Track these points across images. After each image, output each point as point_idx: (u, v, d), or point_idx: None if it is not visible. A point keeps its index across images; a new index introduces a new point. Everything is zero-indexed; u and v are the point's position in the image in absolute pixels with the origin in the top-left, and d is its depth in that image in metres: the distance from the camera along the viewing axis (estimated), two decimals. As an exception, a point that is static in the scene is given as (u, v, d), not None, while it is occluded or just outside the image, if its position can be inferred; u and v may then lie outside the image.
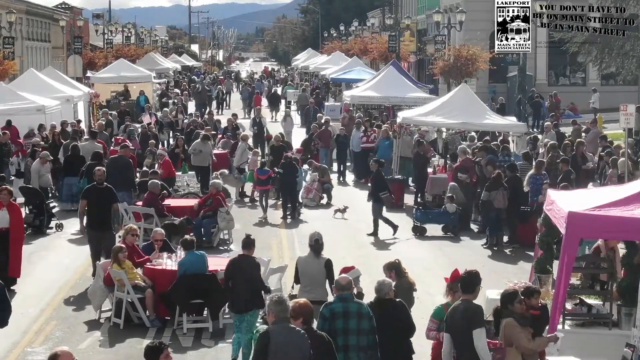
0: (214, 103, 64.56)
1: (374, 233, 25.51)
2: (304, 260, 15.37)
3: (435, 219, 26.02)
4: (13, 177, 31.12)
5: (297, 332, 10.72)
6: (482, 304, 12.44)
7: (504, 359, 11.68)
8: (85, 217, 20.88)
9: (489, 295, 15.36)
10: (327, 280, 14.97)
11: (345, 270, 14.25)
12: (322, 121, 38.19)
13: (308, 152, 36.01)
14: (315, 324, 11.80)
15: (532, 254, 20.02)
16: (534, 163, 26.54)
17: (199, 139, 31.94)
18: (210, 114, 44.76)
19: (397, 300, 12.73)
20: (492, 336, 12.13)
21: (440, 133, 37.56)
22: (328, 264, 15.12)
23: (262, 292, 15.59)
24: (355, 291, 13.05)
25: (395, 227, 25.56)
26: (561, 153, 27.73)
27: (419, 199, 30.04)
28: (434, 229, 25.94)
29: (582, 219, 13.15)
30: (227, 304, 16.65)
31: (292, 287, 15.45)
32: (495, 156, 27.97)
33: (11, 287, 18.73)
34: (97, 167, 21.87)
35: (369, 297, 15.87)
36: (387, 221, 25.72)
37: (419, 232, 25.81)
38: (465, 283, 11.83)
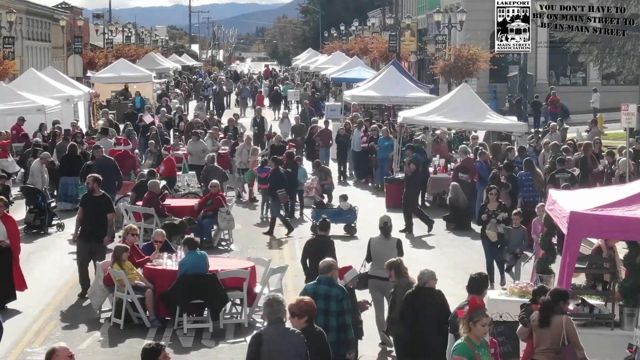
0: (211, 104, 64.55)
1: (269, 232, 25.78)
2: (376, 240, 16.85)
3: (330, 218, 26.07)
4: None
5: (291, 333, 10.55)
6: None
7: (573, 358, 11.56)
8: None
9: (490, 296, 15.32)
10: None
11: (344, 270, 14.39)
12: (314, 123, 38.46)
13: (302, 149, 36.15)
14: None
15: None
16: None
17: (190, 139, 32.60)
18: (211, 115, 44.90)
19: (437, 289, 13.32)
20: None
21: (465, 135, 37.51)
22: (399, 243, 16.72)
23: None
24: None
25: (289, 229, 25.91)
26: (563, 153, 27.66)
27: (419, 199, 30.05)
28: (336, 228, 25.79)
29: (584, 219, 13.12)
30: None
31: (363, 265, 16.59)
32: (422, 155, 28.35)
33: (6, 305, 18.33)
34: (88, 175, 20.98)
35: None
36: (284, 220, 26.05)
37: (315, 231, 25.92)
38: (474, 283, 11.85)
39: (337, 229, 25.63)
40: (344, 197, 26.55)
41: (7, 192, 26.47)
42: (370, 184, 34.51)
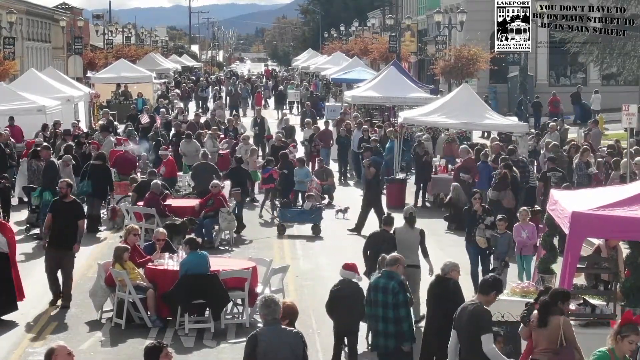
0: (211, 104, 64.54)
1: (238, 230, 25.60)
2: (401, 230, 17.79)
3: (295, 218, 26.25)
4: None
5: (288, 333, 10.68)
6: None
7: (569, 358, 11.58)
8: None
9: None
10: (419, 247, 17.51)
11: (352, 267, 14.59)
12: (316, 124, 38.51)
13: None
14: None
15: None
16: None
17: (183, 140, 32.77)
18: (212, 115, 44.95)
19: (453, 280, 13.86)
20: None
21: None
22: (422, 233, 17.73)
23: None
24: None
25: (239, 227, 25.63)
26: (564, 154, 27.69)
27: (419, 199, 30.08)
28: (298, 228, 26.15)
29: (586, 219, 13.14)
30: None
31: None
32: (381, 158, 28.41)
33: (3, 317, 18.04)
34: (61, 180, 20.54)
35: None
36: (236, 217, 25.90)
37: (280, 231, 25.97)
38: (485, 284, 11.92)
39: (306, 229, 25.86)
40: (309, 198, 26.51)
41: (8, 193, 26.45)
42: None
